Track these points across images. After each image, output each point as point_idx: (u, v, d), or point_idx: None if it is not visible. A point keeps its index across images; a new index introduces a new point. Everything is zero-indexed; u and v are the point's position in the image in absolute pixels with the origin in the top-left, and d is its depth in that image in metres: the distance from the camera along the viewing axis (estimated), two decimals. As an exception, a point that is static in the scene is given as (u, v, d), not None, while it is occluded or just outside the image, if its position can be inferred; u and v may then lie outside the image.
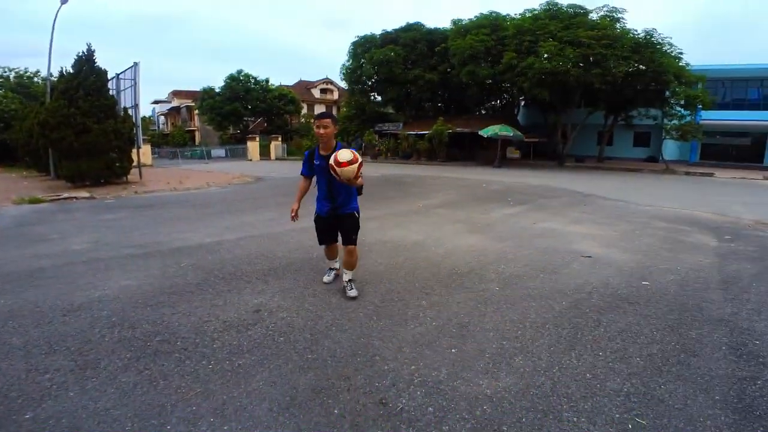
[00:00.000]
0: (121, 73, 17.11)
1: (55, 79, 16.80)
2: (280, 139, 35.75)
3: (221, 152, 36.20)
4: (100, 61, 16.34)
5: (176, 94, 54.77)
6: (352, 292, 3.26)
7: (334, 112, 50.44)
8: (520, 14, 21.02)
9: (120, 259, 4.33)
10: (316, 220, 3.44)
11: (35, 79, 38.80)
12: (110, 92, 14.59)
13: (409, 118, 29.31)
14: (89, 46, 13.29)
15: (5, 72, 38.24)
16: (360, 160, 2.96)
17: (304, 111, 46.27)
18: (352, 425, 1.82)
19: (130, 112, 15.24)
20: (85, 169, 12.18)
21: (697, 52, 57.62)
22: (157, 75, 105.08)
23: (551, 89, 18.90)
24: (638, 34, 18.52)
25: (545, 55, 17.70)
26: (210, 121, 39.78)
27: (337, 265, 3.64)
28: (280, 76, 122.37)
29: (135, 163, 14.48)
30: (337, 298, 3.27)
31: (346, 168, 2.90)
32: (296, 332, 2.69)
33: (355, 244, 3.32)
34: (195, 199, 9.60)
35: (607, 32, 17.42)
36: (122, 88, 16.97)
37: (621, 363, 2.31)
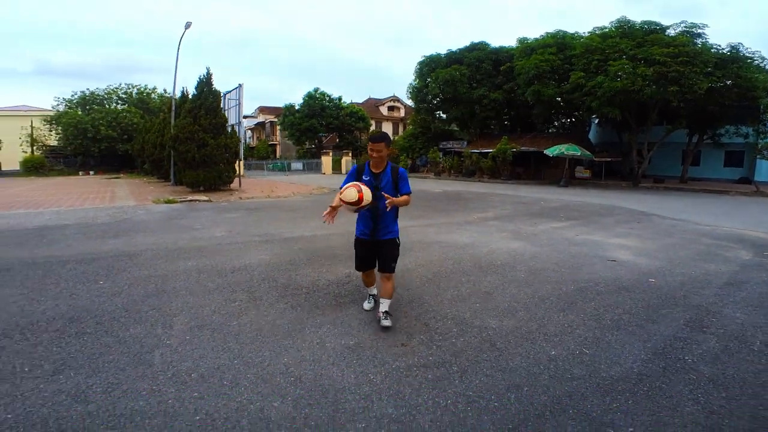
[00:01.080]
0: (228, 93, 20.28)
1: (170, 96, 20.32)
2: (350, 154, 38.48)
3: (299, 165, 39.91)
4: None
5: (262, 110, 60.89)
6: (386, 322, 3.17)
7: (400, 129, 52.80)
8: (589, 33, 21.04)
9: (251, 243, 6.14)
10: (356, 244, 3.34)
11: (152, 96, 45.92)
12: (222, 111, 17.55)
13: (473, 136, 30.09)
14: (208, 69, 16.12)
15: (129, 88, 45.78)
16: (364, 196, 2.91)
17: (373, 128, 49.00)
18: (405, 333, 3.13)
19: (235, 128, 18.20)
20: (202, 177, 15.05)
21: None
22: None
23: (623, 107, 18.65)
24: (722, 49, 17.69)
25: (619, 74, 17.60)
26: (290, 136, 43.88)
27: (375, 291, 3.59)
28: (351, 93, 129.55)
29: (236, 174, 17.35)
30: (401, 273, 4.61)
31: (356, 207, 2.96)
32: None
33: (393, 272, 3.27)
34: (286, 205, 11.65)
35: (685, 49, 16.94)
36: (228, 107, 20.10)
37: (594, 321, 3.33)
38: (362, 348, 2.91)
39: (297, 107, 42.43)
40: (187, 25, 19.63)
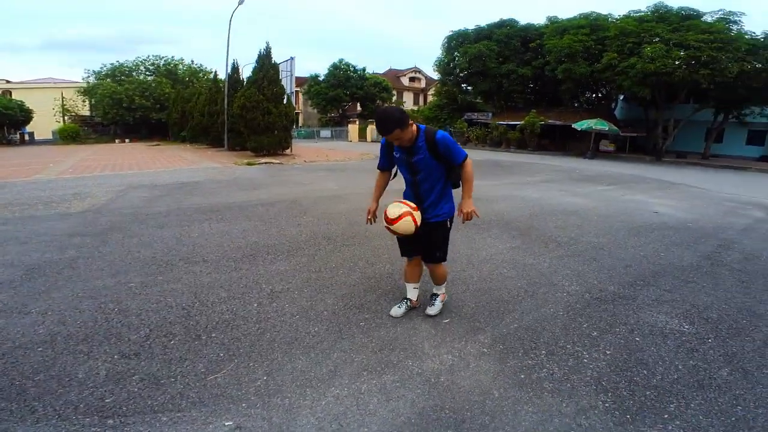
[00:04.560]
0: (280, 64, 21.32)
1: (197, 66, 21.68)
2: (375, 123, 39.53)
3: (327, 133, 41.25)
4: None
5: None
6: (432, 310, 2.92)
7: (421, 100, 53.55)
8: (623, 15, 21.68)
9: (368, 194, 7.81)
10: None
11: (179, 66, 46.51)
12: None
13: (498, 109, 31.16)
14: (267, 44, 17.50)
15: (156, 60, 46.42)
16: (411, 210, 2.57)
17: (395, 98, 49.86)
18: (542, 243, 4.82)
19: (290, 98, 19.49)
20: (265, 143, 16.65)
21: None
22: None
23: (654, 87, 19.51)
24: (756, 36, 18.38)
25: (651, 57, 18.22)
26: (315, 106, 44.93)
27: (414, 295, 3.01)
28: (371, 63, 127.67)
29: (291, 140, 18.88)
30: (508, 211, 6.28)
31: (398, 224, 2.56)
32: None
33: (440, 262, 2.81)
34: (352, 167, 13.28)
35: (720, 36, 17.53)
36: (281, 77, 21.20)
37: (658, 243, 5.00)
38: (520, 248, 4.61)
39: (321, 78, 43.25)
40: (241, 1, 20.67)
